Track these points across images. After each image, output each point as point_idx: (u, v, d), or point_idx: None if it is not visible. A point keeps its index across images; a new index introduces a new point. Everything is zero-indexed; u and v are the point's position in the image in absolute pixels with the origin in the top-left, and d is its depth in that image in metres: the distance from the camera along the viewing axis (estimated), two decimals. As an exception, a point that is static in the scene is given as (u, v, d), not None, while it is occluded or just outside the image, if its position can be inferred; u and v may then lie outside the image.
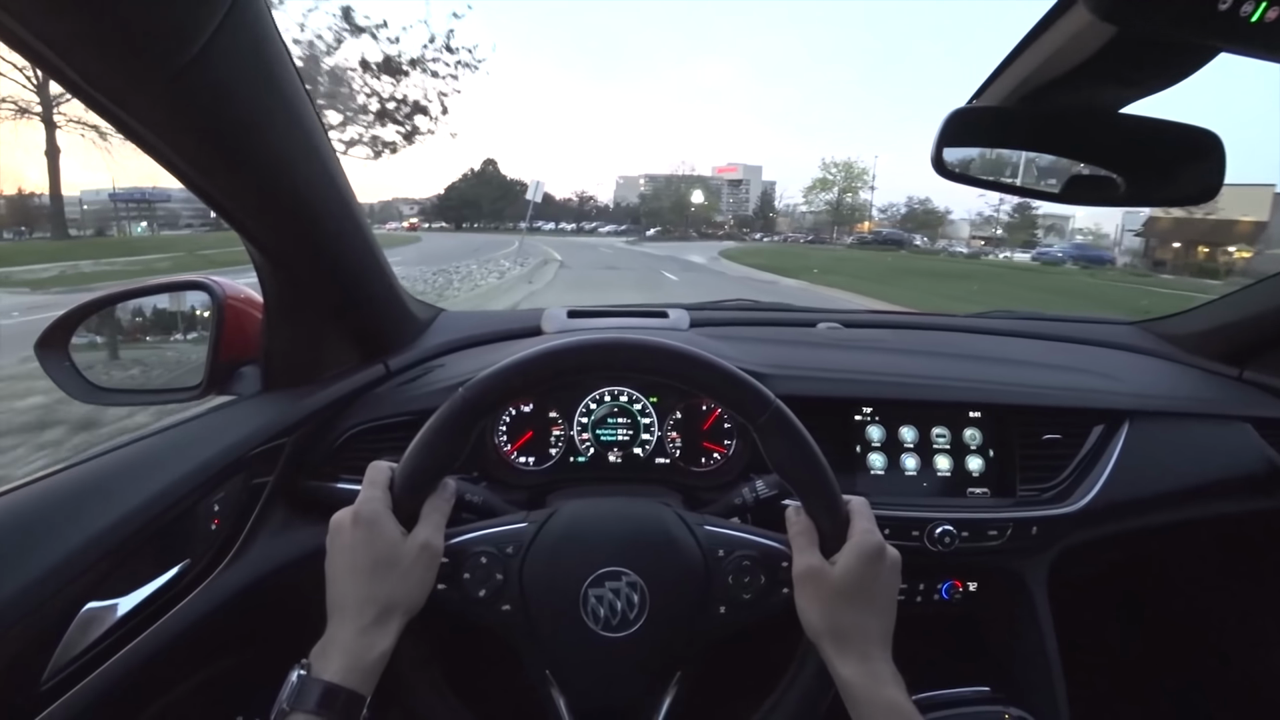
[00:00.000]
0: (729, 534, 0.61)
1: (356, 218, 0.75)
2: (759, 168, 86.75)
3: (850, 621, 0.54)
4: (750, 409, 0.58)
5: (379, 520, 0.54)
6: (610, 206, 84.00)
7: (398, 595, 0.53)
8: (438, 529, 0.56)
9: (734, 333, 1.08)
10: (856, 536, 0.56)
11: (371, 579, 0.53)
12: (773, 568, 0.59)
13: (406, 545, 0.54)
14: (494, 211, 70.51)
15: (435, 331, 1.05)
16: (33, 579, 0.54)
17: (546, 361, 0.58)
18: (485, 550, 0.57)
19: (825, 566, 0.55)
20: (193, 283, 0.85)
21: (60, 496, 0.61)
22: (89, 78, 0.45)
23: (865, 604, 0.55)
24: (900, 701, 0.52)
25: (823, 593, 0.55)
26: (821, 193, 61.55)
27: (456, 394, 0.57)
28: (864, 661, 0.54)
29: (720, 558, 0.59)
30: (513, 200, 68.90)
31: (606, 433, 0.94)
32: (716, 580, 0.58)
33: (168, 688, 0.68)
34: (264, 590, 0.75)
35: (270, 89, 0.55)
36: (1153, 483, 0.94)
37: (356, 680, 0.50)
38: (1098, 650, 1.24)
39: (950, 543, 0.85)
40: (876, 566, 0.55)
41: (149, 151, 0.54)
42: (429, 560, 0.55)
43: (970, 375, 0.96)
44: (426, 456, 0.56)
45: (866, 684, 0.53)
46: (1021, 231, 48.10)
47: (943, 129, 0.68)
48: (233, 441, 0.73)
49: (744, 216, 77.13)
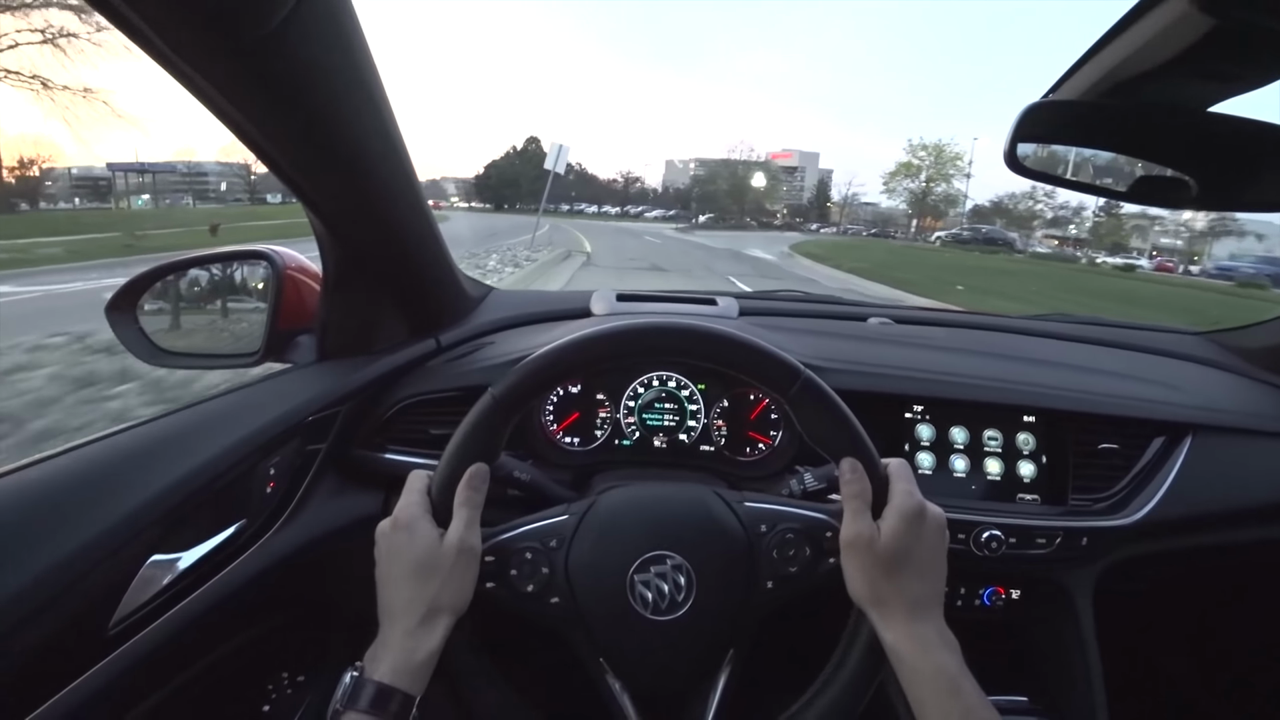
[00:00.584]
0: (771, 508, 0.61)
1: (417, 194, 0.76)
2: (815, 154, 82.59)
3: (894, 586, 0.53)
4: (780, 381, 0.58)
5: (416, 525, 0.55)
6: (657, 190, 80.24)
7: (442, 596, 0.54)
8: (470, 525, 0.56)
9: (784, 323, 1.07)
10: (897, 499, 0.55)
11: (414, 582, 0.54)
12: (817, 539, 0.58)
13: (444, 547, 0.54)
14: (534, 191, 64.14)
15: (486, 309, 1.06)
16: (105, 529, 0.56)
17: (573, 353, 0.58)
18: (529, 545, 0.57)
19: (872, 532, 0.54)
20: (255, 253, 0.87)
21: (130, 453, 0.64)
22: (177, 47, 0.47)
23: (908, 567, 0.54)
24: (947, 665, 0.51)
25: (867, 559, 0.54)
26: (905, 179, 52.96)
27: (485, 396, 0.57)
28: (910, 625, 0.53)
29: (763, 533, 0.59)
30: (553, 180, 67.04)
31: (653, 417, 0.94)
32: (761, 556, 0.58)
33: (222, 640, 0.71)
34: (314, 553, 0.78)
35: (344, 62, 0.55)
36: (1213, 500, 0.91)
37: (406, 681, 0.51)
38: (1143, 670, 1.21)
39: (996, 548, 0.83)
40: (918, 528, 0.54)
41: (226, 121, 0.55)
42: (468, 559, 0.55)
43: (1026, 378, 0.93)
44: (461, 459, 0.57)
45: (913, 650, 0.52)
46: (1110, 233, 43.71)
47: (1018, 123, 0.66)
48: (289, 408, 0.75)
49: (798, 206, 72.84)
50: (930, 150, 51.90)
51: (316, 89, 0.55)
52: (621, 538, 0.58)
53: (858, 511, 0.55)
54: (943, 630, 0.54)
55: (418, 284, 0.88)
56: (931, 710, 0.51)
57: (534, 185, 64.54)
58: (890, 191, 54.92)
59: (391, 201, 0.73)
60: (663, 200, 75.05)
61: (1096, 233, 45.34)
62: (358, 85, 0.58)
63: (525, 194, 67.01)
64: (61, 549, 0.53)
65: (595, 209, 67.26)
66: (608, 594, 0.56)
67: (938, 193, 53.11)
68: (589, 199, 71.18)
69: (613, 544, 0.58)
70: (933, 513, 0.56)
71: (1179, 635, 1.26)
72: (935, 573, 0.55)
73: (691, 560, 0.57)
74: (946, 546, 0.57)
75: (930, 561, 0.55)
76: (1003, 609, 0.93)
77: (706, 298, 1.13)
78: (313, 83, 0.54)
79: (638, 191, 78.05)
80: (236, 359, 0.88)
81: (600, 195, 73.71)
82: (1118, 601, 0.96)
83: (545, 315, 1.07)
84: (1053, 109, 0.68)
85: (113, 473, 0.62)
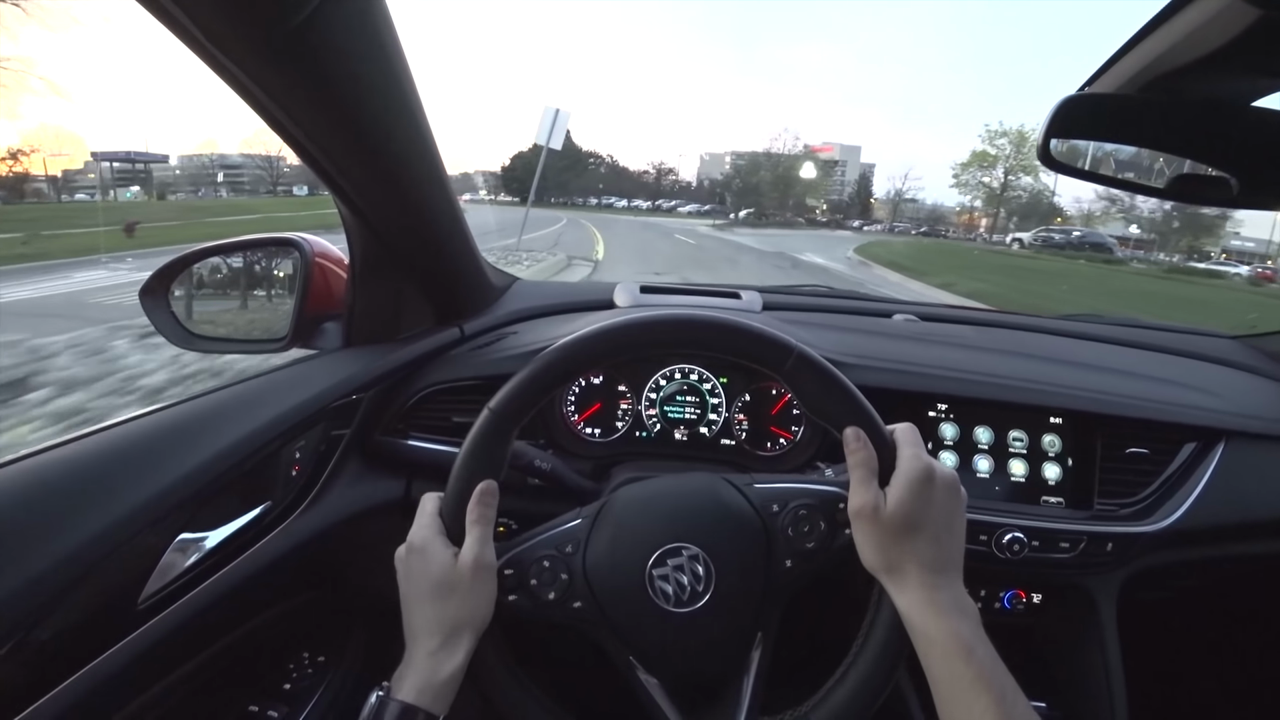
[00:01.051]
0: (781, 487, 0.60)
1: (445, 184, 0.77)
2: (857, 148, 76.30)
3: (905, 552, 0.53)
4: (774, 358, 0.58)
5: (429, 546, 0.56)
6: (691, 184, 74.04)
7: (461, 615, 0.54)
8: (484, 541, 0.56)
9: (808, 318, 1.06)
10: (903, 463, 0.54)
11: (433, 603, 0.54)
12: (830, 512, 0.58)
13: (460, 565, 0.55)
14: (559, 184, 62.62)
15: (510, 299, 1.07)
16: (137, 506, 0.57)
17: (566, 358, 0.58)
18: (546, 554, 0.58)
19: (878, 500, 0.53)
20: (284, 240, 0.89)
21: (161, 434, 0.65)
22: (212, 37, 0.47)
23: (920, 533, 0.53)
24: (960, 630, 0.50)
25: (875, 527, 0.53)
26: (979, 171, 44.01)
27: (484, 413, 0.58)
28: (923, 591, 0.52)
29: (775, 513, 0.58)
30: (580, 172, 63.55)
31: (674, 410, 0.94)
32: (776, 535, 0.58)
33: (245, 619, 0.72)
34: (336, 536, 0.79)
35: (375, 53, 0.56)
36: (1245, 509, 0.89)
37: (429, 700, 0.52)
38: (1166, 680, 1.18)
39: (1019, 551, 0.82)
40: (927, 491, 0.53)
41: (258, 110, 0.56)
42: (485, 575, 0.55)
43: (1053, 379, 0.92)
44: (467, 475, 0.57)
45: (925, 615, 0.51)
46: (1184, 235, 36.63)
47: (1052, 118, 0.64)
48: (315, 393, 0.76)
49: (838, 202, 65.79)
50: (1012, 138, 42.27)
51: (346, 78, 0.56)
52: (636, 534, 0.58)
53: (863, 480, 0.54)
54: (959, 596, 0.53)
55: (443, 273, 0.89)
56: (941, 677, 0.50)
57: (560, 177, 61.91)
58: (961, 185, 45.63)
59: (419, 191, 0.74)
60: (697, 195, 68.90)
61: (1168, 232, 38.61)
62: (387, 74, 0.59)
63: (552, 186, 62.97)
64: (97, 524, 0.55)
65: (625, 203, 62.92)
66: (628, 592, 0.56)
67: (1020, 186, 43.35)
68: (619, 192, 66.06)
69: (628, 541, 0.58)
70: (942, 474, 0.54)
71: (1204, 644, 1.23)
72: (950, 536, 0.54)
73: (708, 549, 0.57)
74: (962, 508, 0.55)
75: (944, 524, 0.54)
76: (1024, 612, 0.92)
77: (730, 291, 1.13)
78: (343, 72, 0.55)
79: (671, 185, 71.86)
80: (264, 344, 0.89)
81: (630, 189, 68.13)
82: (1142, 608, 0.94)
83: (568, 306, 1.08)
84: (1089, 103, 0.67)
85: (144, 452, 0.63)
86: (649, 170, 70.84)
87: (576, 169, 63.69)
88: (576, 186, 62.68)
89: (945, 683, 0.50)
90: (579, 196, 62.07)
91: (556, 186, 62.42)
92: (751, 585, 0.57)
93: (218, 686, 0.72)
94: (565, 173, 62.46)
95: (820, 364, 0.58)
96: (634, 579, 0.56)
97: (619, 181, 69.24)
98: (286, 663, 0.86)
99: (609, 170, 70.22)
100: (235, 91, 0.54)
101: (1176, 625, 1.19)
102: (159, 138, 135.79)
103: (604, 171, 68.49)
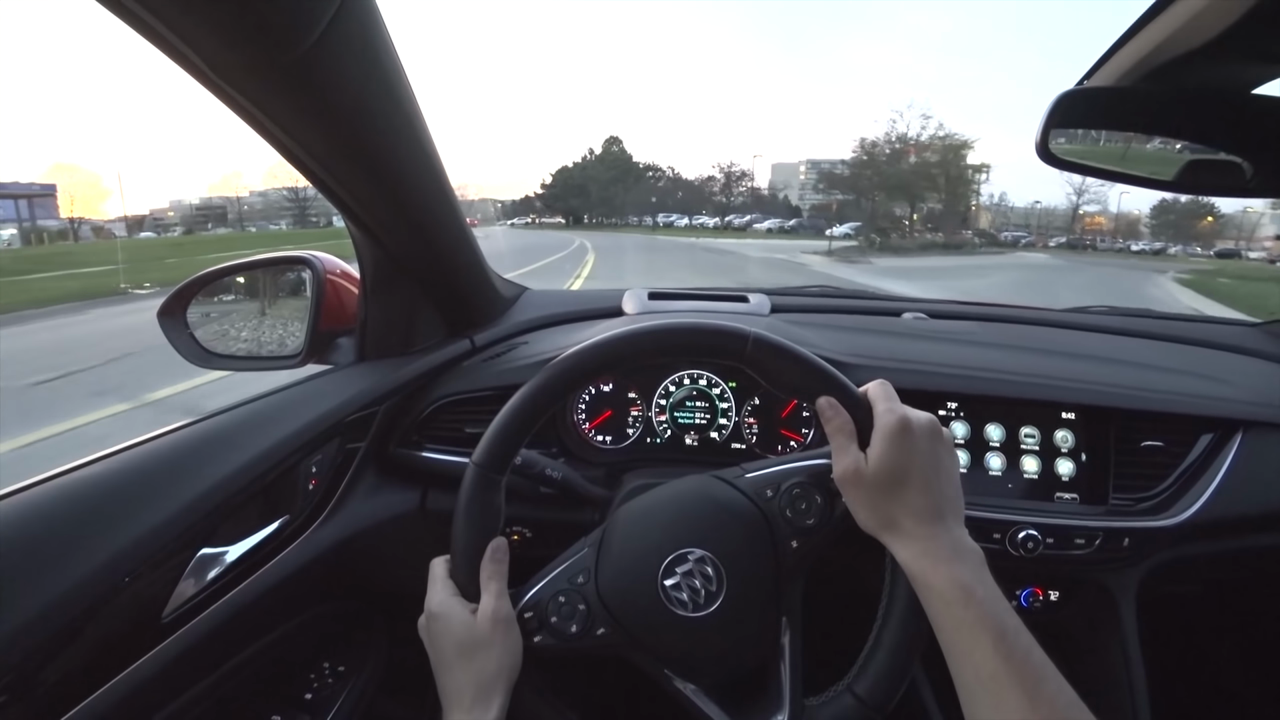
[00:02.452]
0: (770, 471, 0.61)
1: (451, 200, 0.78)
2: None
3: (895, 507, 0.53)
4: (732, 348, 0.58)
5: (447, 611, 0.57)
6: (763, 192, 59.46)
7: (490, 669, 0.55)
8: (500, 595, 0.57)
9: (816, 319, 1.06)
10: (879, 419, 0.54)
11: (460, 665, 0.55)
12: (824, 485, 0.58)
13: (480, 622, 0.56)
14: (603, 200, 54.57)
15: (519, 309, 1.08)
16: (159, 523, 0.59)
17: (536, 400, 0.59)
18: (560, 589, 0.58)
19: (858, 461, 0.54)
20: (296, 258, 0.91)
21: (182, 451, 0.67)
22: (214, 65, 0.49)
23: (908, 484, 0.52)
24: (960, 575, 0.49)
25: (862, 489, 0.53)
26: None
27: (469, 468, 0.59)
28: (919, 541, 0.51)
29: (770, 497, 0.59)
30: (630, 185, 54.49)
31: (684, 415, 0.94)
32: (776, 519, 0.58)
33: (266, 630, 0.74)
34: (354, 546, 0.80)
35: (379, 76, 0.57)
36: (1266, 501, 0.87)
37: None
38: (1188, 676, 1.16)
39: (1034, 548, 0.81)
40: (906, 441, 0.53)
41: (263, 134, 0.58)
42: (506, 626, 0.56)
43: (1065, 373, 0.91)
44: (468, 533, 0.58)
45: (923, 565, 0.51)
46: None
47: (1050, 113, 0.64)
48: (330, 408, 0.78)
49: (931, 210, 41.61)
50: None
51: (351, 102, 0.57)
52: (640, 550, 0.59)
53: (842, 446, 0.55)
54: (958, 540, 0.52)
55: (453, 286, 0.91)
56: (943, 624, 0.49)
57: (605, 192, 54.59)
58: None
59: (426, 207, 0.75)
60: (773, 209, 54.24)
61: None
62: (390, 96, 0.60)
63: (595, 203, 55.65)
64: (122, 541, 0.56)
65: (687, 220, 49.90)
66: (646, 607, 0.57)
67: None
68: (681, 208, 53.38)
69: (633, 559, 0.58)
70: (919, 421, 0.54)
71: (1227, 640, 1.21)
72: (940, 480, 0.54)
73: (712, 548, 0.57)
74: (947, 450, 0.55)
75: (930, 470, 0.53)
76: (1041, 610, 0.91)
77: (739, 295, 1.13)
78: (347, 96, 0.56)
79: (744, 195, 56.34)
80: (280, 361, 0.91)
81: (693, 200, 54.72)
82: (1163, 604, 0.93)
83: (577, 315, 1.09)
84: (1088, 96, 0.67)
85: (167, 470, 0.65)
86: (716, 176, 56.42)
87: (625, 180, 55.23)
88: (627, 202, 53.33)
89: (947, 630, 0.49)
90: (634, 215, 52.70)
91: (602, 202, 55.11)
92: (763, 574, 0.58)
93: (240, 698, 0.73)
94: (612, 186, 54.45)
95: (777, 342, 0.58)
96: (648, 593, 0.57)
97: (680, 194, 57.09)
98: (308, 672, 0.87)
99: (668, 183, 59.18)
100: (241, 118, 0.55)
101: (1198, 621, 1.17)
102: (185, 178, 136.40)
103: (662, 185, 58.37)
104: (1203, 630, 1.19)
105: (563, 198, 57.65)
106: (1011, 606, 0.50)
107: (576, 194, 56.66)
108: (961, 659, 0.48)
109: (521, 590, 0.59)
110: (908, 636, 0.56)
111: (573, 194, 56.85)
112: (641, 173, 56.81)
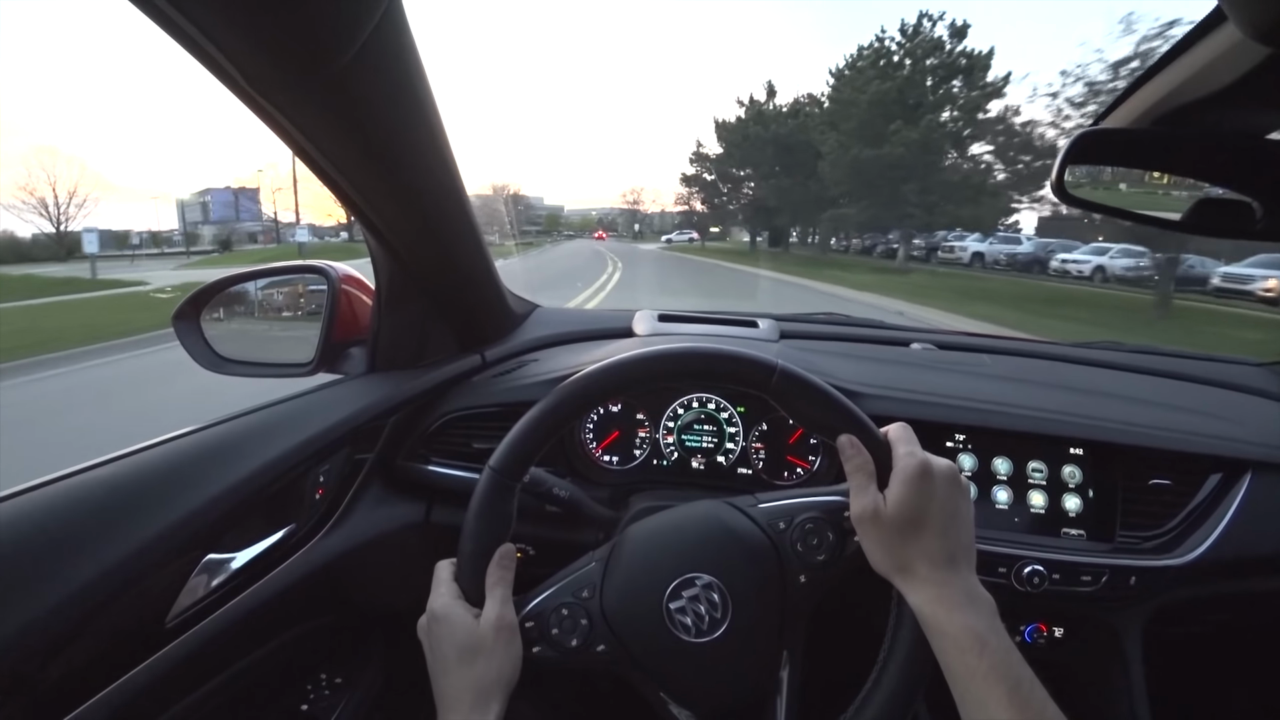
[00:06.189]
0: (784, 503, 0.61)
1: (469, 217, 0.80)
2: None
3: (911, 550, 0.53)
4: (758, 378, 0.58)
5: (450, 613, 0.56)
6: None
7: (487, 677, 0.54)
8: (504, 601, 0.57)
9: (824, 347, 1.06)
10: (899, 462, 0.55)
11: (460, 669, 0.55)
12: (837, 522, 0.58)
13: (482, 627, 0.55)
14: (779, 190, 27.40)
15: (530, 326, 1.09)
16: (166, 527, 0.59)
17: (560, 410, 0.59)
18: (563, 602, 0.58)
19: (877, 503, 0.54)
20: (312, 267, 0.91)
21: (191, 456, 0.67)
22: (249, 77, 0.50)
23: (924, 528, 0.53)
24: (974, 624, 0.50)
25: (879, 530, 0.54)
26: None
27: (486, 470, 0.59)
28: (933, 587, 0.52)
29: (782, 530, 0.59)
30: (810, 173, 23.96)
31: (692, 439, 0.94)
32: (787, 552, 0.58)
33: (268, 638, 0.74)
34: (357, 558, 0.80)
35: (407, 94, 0.59)
36: (1275, 543, 0.86)
37: None
38: (1194, 718, 1.15)
39: (1039, 584, 0.80)
40: (926, 486, 0.53)
41: (290, 144, 0.59)
42: (508, 634, 0.56)
43: (1073, 409, 0.91)
44: (477, 537, 0.58)
45: (936, 611, 0.51)
46: None
47: (1068, 150, 0.65)
48: (339, 418, 0.78)
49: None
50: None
51: (381, 119, 0.58)
52: (647, 571, 0.58)
53: (861, 485, 0.55)
54: (970, 587, 0.52)
55: (467, 301, 0.92)
56: (956, 671, 0.49)
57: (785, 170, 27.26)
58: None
59: (446, 224, 0.76)
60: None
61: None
62: (419, 116, 0.61)
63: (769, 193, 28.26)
64: (129, 544, 0.56)
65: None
66: (648, 628, 0.57)
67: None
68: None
69: (641, 579, 0.58)
70: (940, 467, 0.55)
71: (1233, 682, 1.19)
72: (956, 527, 0.54)
73: (720, 575, 0.57)
74: (964, 496, 0.55)
75: (947, 516, 0.53)
76: (1045, 646, 0.90)
77: (748, 320, 1.13)
78: (378, 113, 0.57)
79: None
80: (292, 369, 0.92)
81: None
82: (1169, 644, 0.92)
83: (589, 334, 1.09)
84: (1104, 136, 0.67)
85: (175, 474, 0.65)
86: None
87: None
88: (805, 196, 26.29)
89: (960, 677, 0.49)
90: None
91: (776, 192, 27.74)
92: (769, 605, 0.57)
93: (238, 706, 0.73)
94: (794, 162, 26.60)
95: (804, 377, 0.58)
96: (652, 615, 0.57)
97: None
98: (305, 683, 0.87)
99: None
100: (269, 127, 0.57)
101: (1205, 662, 1.16)
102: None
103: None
104: (1211, 673, 1.17)
105: (711, 186, 31.08)
106: (1022, 658, 0.50)
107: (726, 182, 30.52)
108: (974, 707, 0.48)
109: (525, 599, 0.59)
110: (908, 681, 0.55)
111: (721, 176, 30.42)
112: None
